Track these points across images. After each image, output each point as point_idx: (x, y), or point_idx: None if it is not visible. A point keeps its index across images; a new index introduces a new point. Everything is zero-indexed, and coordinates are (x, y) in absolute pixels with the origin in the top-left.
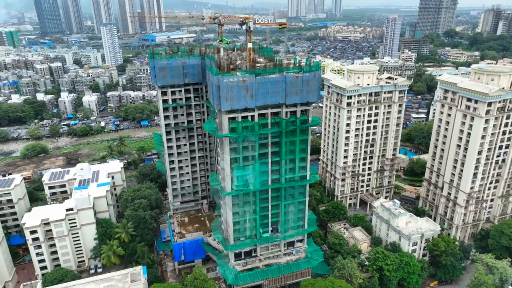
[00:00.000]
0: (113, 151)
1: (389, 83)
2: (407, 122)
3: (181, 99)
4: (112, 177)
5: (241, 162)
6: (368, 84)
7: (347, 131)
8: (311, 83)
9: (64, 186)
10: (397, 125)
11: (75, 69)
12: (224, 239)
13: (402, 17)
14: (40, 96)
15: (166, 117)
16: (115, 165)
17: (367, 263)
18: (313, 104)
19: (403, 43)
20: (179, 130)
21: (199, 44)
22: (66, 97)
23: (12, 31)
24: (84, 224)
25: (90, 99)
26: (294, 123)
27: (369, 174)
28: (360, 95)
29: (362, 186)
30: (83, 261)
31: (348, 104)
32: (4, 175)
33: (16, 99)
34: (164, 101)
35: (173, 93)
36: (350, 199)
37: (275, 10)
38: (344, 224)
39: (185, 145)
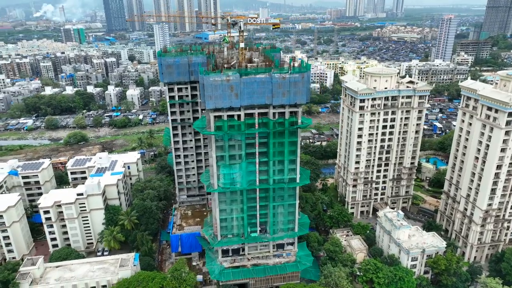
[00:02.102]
0: (143, 143)
1: (409, 87)
2: (447, 130)
3: (187, 96)
4: (128, 167)
5: (227, 160)
6: (386, 88)
7: (359, 136)
8: (299, 85)
9: (84, 172)
10: (417, 132)
11: (127, 64)
12: (213, 235)
13: (471, 17)
14: (90, 89)
15: (172, 113)
16: (132, 156)
17: (358, 273)
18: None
19: (460, 45)
20: (185, 126)
21: (250, 42)
22: (112, 90)
23: (80, 28)
24: (93, 209)
25: (133, 93)
26: (282, 124)
27: (384, 182)
28: (374, 99)
29: (376, 194)
30: (92, 243)
31: (361, 107)
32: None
33: (69, 90)
34: (171, 98)
35: (179, 90)
36: (362, 206)
37: (332, 9)
38: (347, 232)
39: (191, 140)
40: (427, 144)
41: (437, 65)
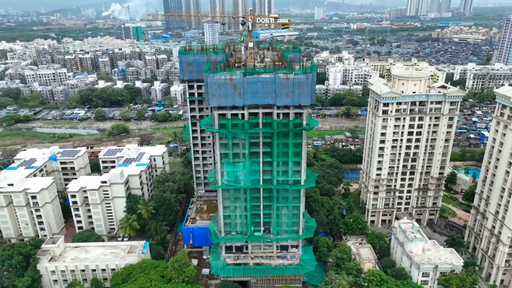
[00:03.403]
0: (177, 137)
1: (440, 92)
2: None
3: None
4: (154, 160)
5: (231, 158)
6: (414, 92)
7: (382, 141)
8: (303, 86)
9: (114, 162)
10: (446, 140)
11: (175, 61)
12: (217, 230)
13: None
14: (138, 84)
15: (192, 110)
16: (159, 149)
17: (363, 283)
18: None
19: None
20: None
21: (300, 42)
22: (157, 86)
23: (138, 26)
24: (116, 196)
25: (176, 89)
26: (286, 125)
27: (409, 191)
28: (399, 103)
29: (399, 203)
30: (114, 228)
31: (384, 112)
32: (88, 148)
33: (120, 84)
34: (191, 95)
35: (199, 87)
36: (384, 215)
37: (392, 8)
38: (361, 240)
39: (209, 137)
40: (469, 154)
41: (497, 69)
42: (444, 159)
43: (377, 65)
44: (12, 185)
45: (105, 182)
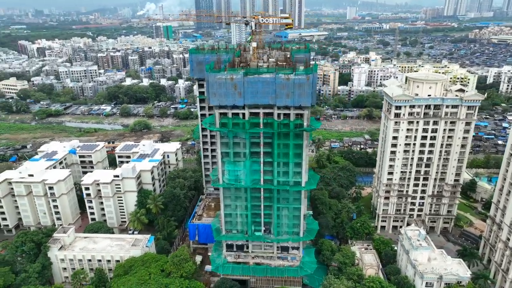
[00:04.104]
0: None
1: (457, 96)
2: None
3: None
4: (168, 156)
5: (232, 157)
6: (429, 95)
7: (394, 145)
8: (304, 86)
9: (129, 157)
10: (463, 146)
11: None
12: (219, 228)
13: None
14: (163, 82)
15: (202, 108)
16: (173, 146)
17: None
18: None
19: None
20: None
21: (329, 42)
22: (181, 84)
23: (168, 25)
24: (127, 190)
25: None
26: (287, 126)
27: (422, 198)
28: (413, 106)
29: (412, 210)
30: (125, 221)
31: (397, 115)
32: (110, 142)
33: (146, 82)
34: (201, 93)
35: None
36: (395, 221)
37: (429, 8)
38: (368, 245)
39: None
40: (493, 161)
41: None
42: (460, 166)
43: (405, 67)
44: (32, 175)
45: (117, 176)
